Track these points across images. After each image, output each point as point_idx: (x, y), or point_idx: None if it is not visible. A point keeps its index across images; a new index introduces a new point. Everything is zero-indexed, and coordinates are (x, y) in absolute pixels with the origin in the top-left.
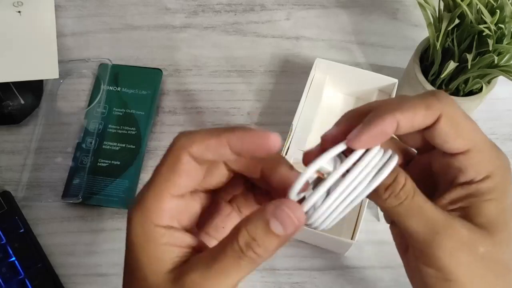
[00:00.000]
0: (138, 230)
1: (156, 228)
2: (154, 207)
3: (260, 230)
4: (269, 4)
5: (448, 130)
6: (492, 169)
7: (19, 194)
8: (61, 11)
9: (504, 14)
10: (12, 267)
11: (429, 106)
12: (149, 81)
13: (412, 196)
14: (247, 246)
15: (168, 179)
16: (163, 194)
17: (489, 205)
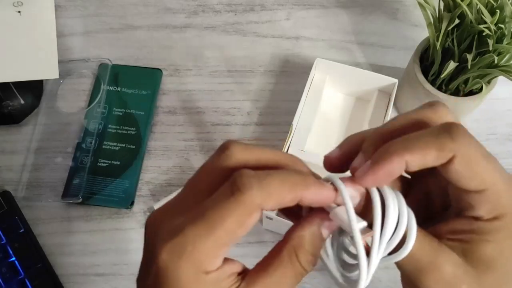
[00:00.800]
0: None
1: (209, 275)
2: (211, 257)
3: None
4: (269, 4)
5: (463, 171)
6: (504, 211)
7: (19, 194)
8: (61, 11)
9: (504, 14)
10: (12, 267)
11: (442, 147)
12: (149, 81)
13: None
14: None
15: (234, 235)
16: (224, 247)
17: (488, 246)
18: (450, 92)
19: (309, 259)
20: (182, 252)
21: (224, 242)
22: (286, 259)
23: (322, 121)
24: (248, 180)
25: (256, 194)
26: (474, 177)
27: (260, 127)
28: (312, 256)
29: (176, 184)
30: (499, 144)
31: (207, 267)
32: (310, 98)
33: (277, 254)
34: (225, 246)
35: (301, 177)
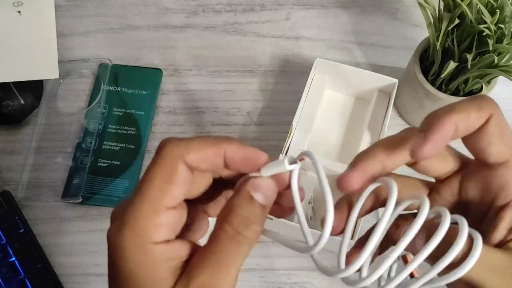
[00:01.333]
0: (137, 255)
1: (156, 247)
2: (151, 224)
3: (248, 205)
4: (269, 4)
5: (495, 132)
6: None
7: (19, 194)
8: (61, 11)
9: (504, 14)
10: (12, 267)
11: (481, 107)
12: (149, 81)
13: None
14: (245, 225)
15: (164, 192)
16: (160, 208)
17: None
18: (450, 92)
19: (243, 222)
20: (123, 225)
21: (159, 202)
22: (220, 230)
23: (322, 121)
24: (168, 142)
25: (176, 146)
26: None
27: (260, 127)
28: (246, 219)
29: None
30: None
31: (152, 235)
32: (310, 98)
33: (214, 231)
34: (162, 208)
35: (225, 137)
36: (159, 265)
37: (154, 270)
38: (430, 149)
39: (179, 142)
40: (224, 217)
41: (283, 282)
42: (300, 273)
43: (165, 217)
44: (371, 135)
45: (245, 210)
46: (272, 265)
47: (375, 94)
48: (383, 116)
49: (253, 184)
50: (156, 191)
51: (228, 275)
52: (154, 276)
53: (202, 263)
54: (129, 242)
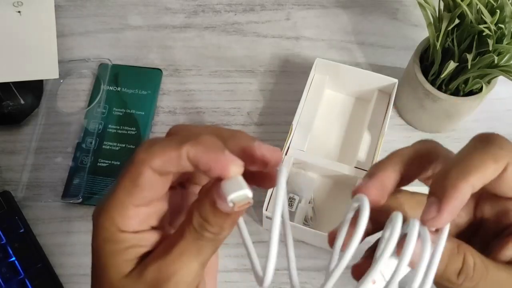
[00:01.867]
0: (104, 233)
1: (122, 234)
2: (119, 215)
3: (209, 211)
4: (269, 4)
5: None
6: None
7: (19, 194)
8: (61, 11)
9: (504, 14)
10: (12, 267)
11: (497, 159)
12: (149, 81)
13: (486, 274)
14: (201, 227)
15: (130, 193)
16: (126, 205)
17: None
18: (450, 92)
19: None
20: (102, 206)
21: (127, 202)
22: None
23: (322, 121)
24: (139, 147)
25: (142, 153)
26: None
27: (260, 127)
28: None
29: None
30: None
31: (120, 224)
32: (310, 98)
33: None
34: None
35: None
36: (122, 248)
37: (115, 251)
38: (445, 219)
39: (146, 147)
40: (189, 213)
41: (283, 282)
42: (300, 273)
43: (132, 212)
44: (371, 135)
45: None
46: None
47: (375, 94)
48: (383, 116)
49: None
50: (123, 193)
51: (187, 266)
52: (115, 256)
53: (164, 250)
54: (101, 221)
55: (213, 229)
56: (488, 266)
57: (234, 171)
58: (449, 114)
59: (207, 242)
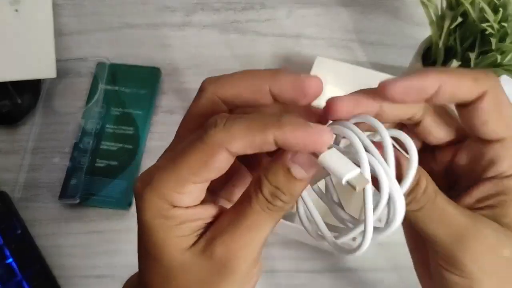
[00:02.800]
0: (153, 210)
1: (173, 210)
2: (174, 192)
3: (282, 178)
4: (269, 2)
5: (491, 110)
6: None
7: (16, 194)
8: (59, 10)
9: (507, 12)
10: (9, 268)
11: (477, 79)
12: (148, 80)
13: (433, 199)
14: (273, 196)
15: (195, 173)
16: (186, 182)
17: None
18: None
19: (274, 192)
20: (149, 181)
21: (187, 178)
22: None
23: None
24: (214, 122)
25: (220, 134)
26: (499, 120)
27: None
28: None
29: None
30: None
31: (173, 200)
32: None
33: (244, 194)
34: (189, 183)
35: (274, 117)
36: (176, 224)
37: (170, 228)
38: (398, 89)
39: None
40: (258, 182)
41: (284, 284)
42: (301, 275)
43: (190, 189)
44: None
45: (277, 180)
46: (273, 267)
47: None
48: None
49: (293, 157)
50: (187, 171)
51: (253, 239)
52: (170, 233)
53: (228, 224)
54: (149, 197)
55: (285, 197)
56: (438, 196)
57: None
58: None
59: (276, 212)
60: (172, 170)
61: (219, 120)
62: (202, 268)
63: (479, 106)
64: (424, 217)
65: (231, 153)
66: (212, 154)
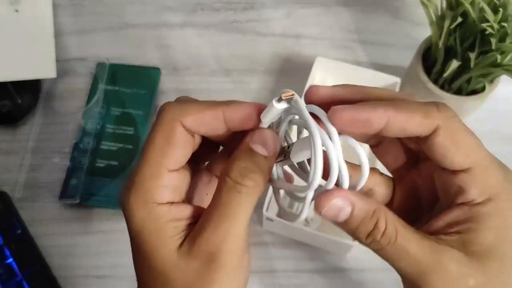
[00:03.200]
0: (141, 213)
1: (159, 207)
2: (154, 185)
3: (247, 157)
4: (269, 2)
5: (447, 144)
6: (496, 191)
7: (16, 194)
8: (59, 10)
9: (507, 12)
10: (9, 268)
11: (428, 114)
12: (148, 80)
13: (394, 240)
14: (242, 175)
15: (164, 154)
16: (161, 170)
17: (487, 233)
18: (453, 91)
19: (241, 172)
20: (131, 185)
21: (161, 164)
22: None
23: None
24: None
25: (174, 109)
26: (458, 152)
27: None
28: (244, 169)
29: None
30: (502, 144)
31: (154, 196)
32: None
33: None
34: (163, 170)
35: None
36: (163, 224)
37: (158, 229)
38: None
39: (177, 105)
40: (224, 170)
41: (284, 284)
42: (301, 275)
43: (167, 179)
44: None
45: (244, 161)
46: (273, 267)
47: None
48: None
49: (252, 135)
50: (157, 154)
51: (232, 227)
52: (159, 234)
53: (206, 219)
54: (134, 201)
55: (254, 175)
56: (399, 235)
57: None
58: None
59: (247, 195)
60: (146, 162)
61: (171, 102)
62: (192, 268)
63: (433, 141)
64: (387, 255)
65: (187, 128)
66: (172, 129)
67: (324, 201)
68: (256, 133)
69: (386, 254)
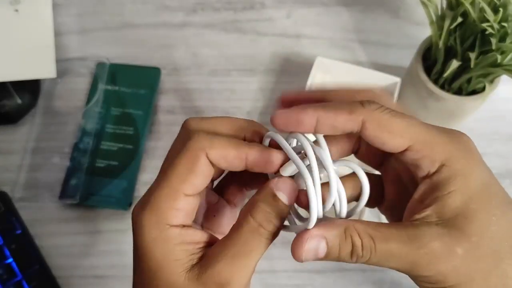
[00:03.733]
0: (153, 232)
1: (171, 229)
2: (169, 207)
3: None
4: (269, 2)
5: (377, 134)
6: (446, 156)
7: (16, 194)
8: (58, 9)
9: (507, 12)
10: (9, 268)
11: (352, 110)
12: (148, 80)
13: (374, 248)
14: (266, 220)
15: (185, 179)
16: (178, 194)
17: (453, 197)
18: (453, 91)
19: (266, 216)
20: (145, 205)
21: (178, 188)
22: (244, 221)
23: None
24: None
25: (202, 140)
26: (391, 136)
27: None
28: (269, 214)
29: None
30: (502, 144)
31: (168, 218)
32: None
33: (236, 223)
34: (181, 194)
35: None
36: (173, 246)
37: (168, 250)
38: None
39: (205, 136)
40: (248, 210)
41: (284, 284)
42: (301, 275)
43: (182, 203)
44: None
45: (269, 206)
46: (273, 267)
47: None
48: None
49: (277, 184)
50: (177, 178)
51: (246, 266)
52: (168, 255)
53: (222, 251)
54: (147, 219)
55: (276, 220)
56: (376, 240)
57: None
58: (452, 113)
59: (266, 239)
60: (165, 184)
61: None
62: None
63: (366, 134)
64: (375, 263)
65: (210, 160)
66: (196, 157)
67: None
68: (281, 181)
69: (374, 263)
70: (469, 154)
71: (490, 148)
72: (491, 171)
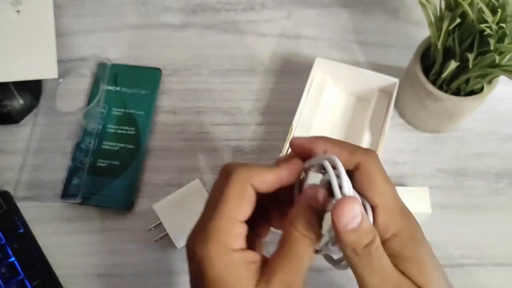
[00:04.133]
0: (223, 260)
1: (236, 253)
2: (230, 234)
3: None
4: (269, 3)
5: (363, 180)
6: (398, 228)
7: (18, 194)
8: (60, 10)
9: (505, 13)
10: (11, 267)
11: (353, 152)
12: (149, 80)
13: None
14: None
15: (237, 207)
16: (234, 221)
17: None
18: (451, 91)
19: (306, 225)
20: (207, 237)
21: (234, 216)
22: (289, 234)
23: (323, 121)
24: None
25: (243, 171)
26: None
27: (260, 127)
28: (309, 222)
29: (176, 185)
30: (500, 144)
31: (231, 244)
32: (311, 98)
33: (282, 237)
34: (236, 221)
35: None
36: (240, 268)
37: (237, 273)
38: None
39: (245, 168)
40: (291, 223)
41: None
42: None
43: (238, 228)
44: (372, 135)
45: (308, 216)
46: None
47: (375, 94)
48: (384, 116)
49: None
50: (231, 207)
51: (300, 272)
52: (239, 277)
53: (278, 263)
54: (214, 249)
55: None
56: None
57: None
58: (450, 114)
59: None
60: (219, 215)
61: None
62: None
63: (355, 175)
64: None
65: (254, 187)
66: (244, 186)
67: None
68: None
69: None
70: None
71: (488, 149)
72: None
